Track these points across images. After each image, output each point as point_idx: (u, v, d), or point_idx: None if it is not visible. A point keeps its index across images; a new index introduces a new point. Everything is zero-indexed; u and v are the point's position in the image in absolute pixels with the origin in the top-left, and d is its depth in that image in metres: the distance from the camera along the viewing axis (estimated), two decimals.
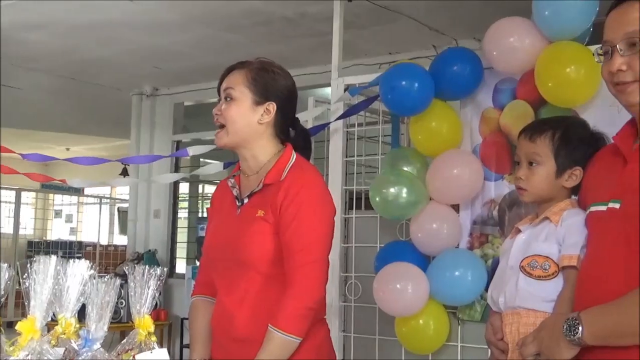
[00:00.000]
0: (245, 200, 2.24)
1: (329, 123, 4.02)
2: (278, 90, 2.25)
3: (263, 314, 2.10)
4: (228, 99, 2.23)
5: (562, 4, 3.10)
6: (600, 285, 1.73)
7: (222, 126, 2.24)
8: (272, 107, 2.23)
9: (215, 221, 2.34)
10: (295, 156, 2.25)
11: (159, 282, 1.72)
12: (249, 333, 2.13)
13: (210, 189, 9.60)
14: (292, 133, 2.34)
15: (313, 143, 4.21)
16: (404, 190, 3.45)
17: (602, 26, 1.83)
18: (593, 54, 1.90)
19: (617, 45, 1.73)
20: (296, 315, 2.07)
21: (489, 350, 2.06)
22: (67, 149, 12.37)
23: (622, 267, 1.69)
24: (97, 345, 1.61)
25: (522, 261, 1.95)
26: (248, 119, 2.21)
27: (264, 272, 2.14)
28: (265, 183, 2.19)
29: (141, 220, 7.82)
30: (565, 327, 1.69)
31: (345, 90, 3.97)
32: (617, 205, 1.75)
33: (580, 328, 1.66)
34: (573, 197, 2.03)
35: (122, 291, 1.77)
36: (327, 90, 4.26)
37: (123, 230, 10.30)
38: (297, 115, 2.37)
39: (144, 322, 1.69)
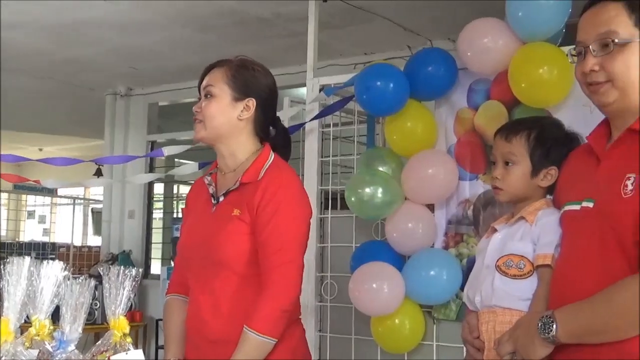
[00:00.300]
0: (221, 199, 2.23)
1: (304, 123, 4.02)
2: (258, 87, 2.26)
3: (238, 315, 2.10)
4: (208, 96, 2.23)
5: (535, 5, 3.12)
6: (574, 284, 1.75)
7: (201, 121, 2.23)
8: (251, 103, 2.23)
9: (190, 219, 2.33)
10: (273, 156, 2.25)
11: (134, 283, 1.71)
12: (224, 334, 2.12)
13: (185, 190, 9.55)
14: (272, 132, 2.34)
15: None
16: (380, 190, 3.46)
17: (575, 27, 1.84)
18: (567, 55, 1.92)
19: (590, 46, 1.75)
20: (272, 317, 2.06)
21: (465, 349, 2.07)
22: (40, 150, 12.24)
23: (596, 265, 1.71)
24: (72, 347, 1.60)
25: (497, 260, 1.96)
26: (227, 115, 2.22)
27: (239, 272, 2.14)
28: (242, 182, 2.19)
29: (115, 221, 7.76)
30: (539, 325, 1.71)
31: (320, 91, 3.97)
32: (590, 205, 1.76)
33: (554, 326, 1.68)
34: (548, 196, 2.05)
35: (97, 292, 1.75)
36: (303, 91, 4.25)
37: (97, 231, 10.21)
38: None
39: (119, 324, 1.68)
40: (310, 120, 3.97)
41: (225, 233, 2.14)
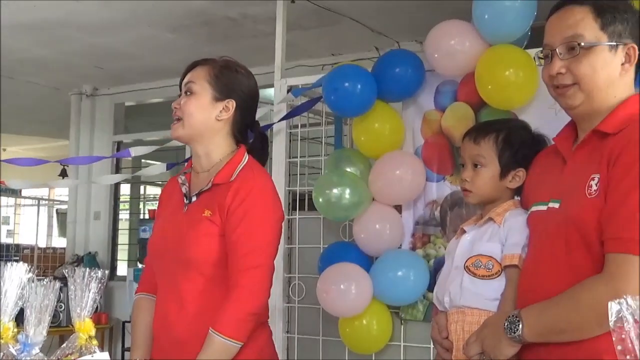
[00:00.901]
0: (194, 199, 2.21)
1: (272, 124, 4.01)
2: (239, 89, 2.25)
3: (204, 316, 2.08)
4: (188, 93, 2.22)
5: (501, 8, 3.15)
6: (540, 284, 1.77)
7: (179, 120, 2.22)
8: (231, 104, 2.22)
9: (162, 219, 2.31)
10: (247, 158, 2.24)
11: (100, 285, 1.69)
12: (190, 335, 2.11)
13: (152, 190, 9.50)
14: (251, 136, 2.33)
15: None
16: (347, 191, 3.47)
17: (541, 30, 1.87)
18: (533, 58, 1.94)
19: (557, 49, 1.77)
20: (238, 320, 2.05)
21: (433, 349, 2.08)
22: (4, 150, 12.07)
23: (562, 265, 1.73)
24: (36, 350, 1.58)
25: (466, 261, 1.98)
26: (206, 114, 2.20)
27: (206, 274, 2.12)
28: (214, 182, 2.17)
29: (81, 222, 7.68)
30: (506, 324, 1.72)
31: (288, 92, 3.97)
32: (556, 205, 1.79)
33: (520, 325, 1.70)
34: (516, 197, 2.07)
35: (62, 294, 1.73)
36: (270, 91, 4.25)
37: (62, 232, 10.11)
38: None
39: (84, 326, 1.66)
40: (278, 121, 3.96)
41: (195, 234, 2.13)
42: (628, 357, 0.98)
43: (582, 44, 1.74)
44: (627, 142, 1.67)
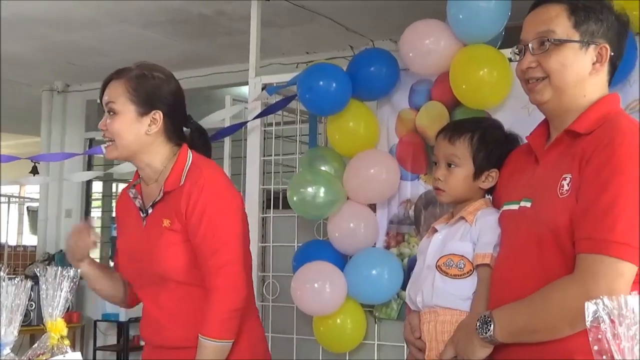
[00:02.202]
0: (150, 210, 2.17)
1: (246, 122, 4.00)
2: (162, 97, 2.16)
3: (192, 321, 2.08)
4: (111, 113, 2.14)
5: (475, 8, 3.16)
6: (512, 283, 1.77)
7: (112, 141, 2.15)
8: (158, 115, 2.14)
9: (124, 235, 2.27)
10: (191, 156, 2.18)
11: (72, 284, 1.67)
12: (182, 341, 2.11)
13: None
14: (187, 132, 2.28)
15: (230, 142, 4.21)
16: (322, 189, 3.46)
17: (515, 30, 1.89)
18: (510, 58, 1.96)
19: (530, 44, 1.80)
20: (222, 320, 2.04)
21: (406, 349, 2.08)
22: None
23: (534, 264, 1.73)
24: (7, 350, 1.56)
25: (438, 260, 1.97)
26: (135, 132, 2.13)
27: (183, 282, 2.11)
28: (165, 191, 2.13)
29: (52, 220, 7.60)
30: (477, 325, 1.73)
31: (262, 89, 3.95)
32: (528, 204, 1.79)
33: (492, 326, 1.70)
34: (488, 196, 2.08)
35: (32, 293, 1.71)
36: (245, 89, 4.23)
37: (33, 230, 10.01)
38: (201, 115, 2.33)
39: (56, 326, 1.64)
40: (253, 119, 3.95)
41: (160, 247, 2.10)
42: (604, 357, 0.99)
43: (552, 39, 1.76)
44: (599, 143, 1.68)
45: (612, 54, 1.78)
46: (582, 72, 1.77)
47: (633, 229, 1.60)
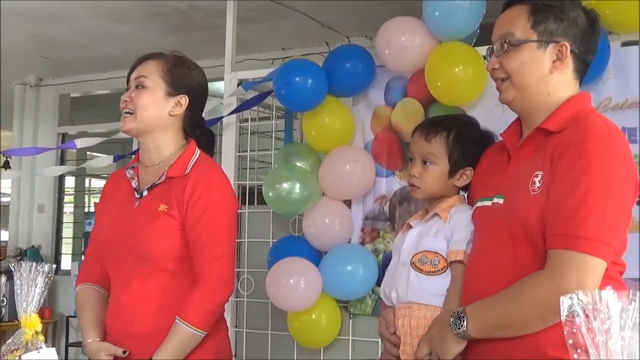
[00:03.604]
0: (145, 193, 2.19)
1: (221, 117, 3.99)
2: (192, 85, 2.24)
3: (167, 311, 2.08)
4: (140, 86, 2.19)
5: (451, 6, 3.18)
6: (485, 279, 1.79)
7: (130, 113, 2.18)
8: (184, 100, 2.21)
9: (111, 214, 2.26)
10: (199, 152, 2.25)
11: (46, 280, 1.66)
12: (152, 330, 2.10)
13: (97, 183, 9.35)
14: (197, 133, 2.32)
15: None
16: (297, 185, 3.47)
17: (490, 28, 1.93)
18: (485, 57, 1.99)
19: (494, 46, 1.85)
20: (206, 311, 2.08)
21: (381, 344, 2.10)
22: None
23: (506, 260, 1.75)
24: None
25: (412, 257, 1.98)
26: (159, 108, 2.19)
27: (167, 268, 2.11)
28: (168, 175, 2.16)
29: (24, 215, 7.52)
30: (451, 320, 1.74)
31: (238, 85, 3.95)
32: (501, 201, 1.82)
33: (465, 321, 1.72)
34: (462, 192, 2.09)
35: (5, 288, 1.70)
36: (220, 85, 4.22)
37: (4, 225, 9.90)
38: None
39: (31, 321, 1.63)
40: (228, 115, 3.94)
41: (153, 229, 2.11)
42: (579, 350, 1.01)
43: (510, 40, 1.81)
44: (569, 140, 1.70)
45: (576, 50, 1.81)
46: (541, 70, 1.80)
47: (603, 225, 1.63)
